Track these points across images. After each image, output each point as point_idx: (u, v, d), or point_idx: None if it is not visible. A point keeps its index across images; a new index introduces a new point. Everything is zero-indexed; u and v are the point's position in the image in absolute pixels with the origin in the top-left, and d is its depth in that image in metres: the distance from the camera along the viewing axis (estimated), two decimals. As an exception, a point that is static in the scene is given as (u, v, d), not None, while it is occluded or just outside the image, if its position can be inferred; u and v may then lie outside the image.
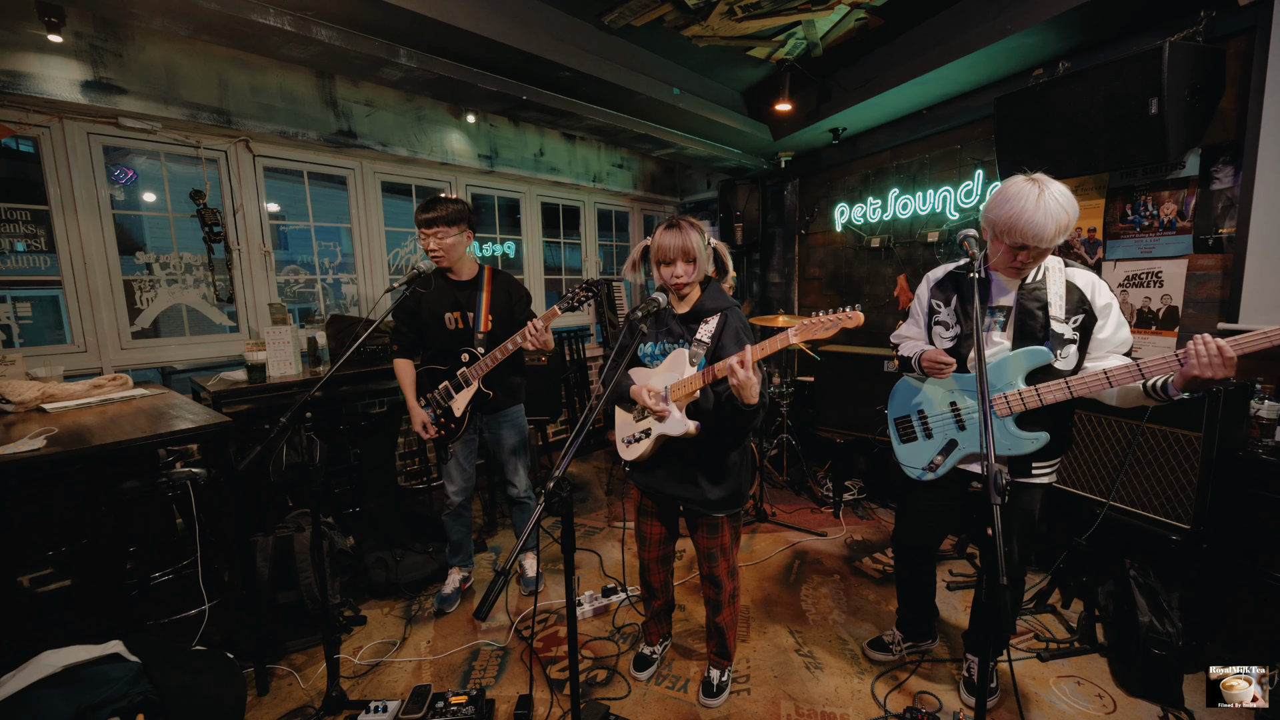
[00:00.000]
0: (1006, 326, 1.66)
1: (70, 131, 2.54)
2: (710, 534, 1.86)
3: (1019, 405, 1.58)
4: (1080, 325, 1.59)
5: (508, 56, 2.79)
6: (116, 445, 1.67)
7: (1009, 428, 1.60)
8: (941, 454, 1.76)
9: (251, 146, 3.02)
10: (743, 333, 1.68)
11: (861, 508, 3.55)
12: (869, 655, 2.18)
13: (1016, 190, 1.50)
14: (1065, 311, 1.59)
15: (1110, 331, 1.58)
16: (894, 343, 2.04)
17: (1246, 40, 2.24)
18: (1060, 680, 2.04)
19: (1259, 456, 1.98)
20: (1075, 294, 1.60)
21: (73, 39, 2.38)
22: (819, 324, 1.41)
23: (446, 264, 2.27)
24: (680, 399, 1.64)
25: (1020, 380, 1.59)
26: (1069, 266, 1.64)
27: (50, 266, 2.59)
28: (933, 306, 1.85)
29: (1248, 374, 2.25)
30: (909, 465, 1.87)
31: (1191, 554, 2.03)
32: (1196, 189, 2.44)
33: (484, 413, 2.41)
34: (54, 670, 1.41)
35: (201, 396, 2.65)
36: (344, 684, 2.00)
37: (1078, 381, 1.51)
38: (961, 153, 3.48)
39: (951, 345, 1.77)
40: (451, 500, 2.50)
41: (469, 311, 2.32)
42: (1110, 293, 1.60)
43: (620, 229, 5.40)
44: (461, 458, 2.45)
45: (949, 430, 1.76)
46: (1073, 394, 1.52)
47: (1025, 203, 1.47)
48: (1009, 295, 1.66)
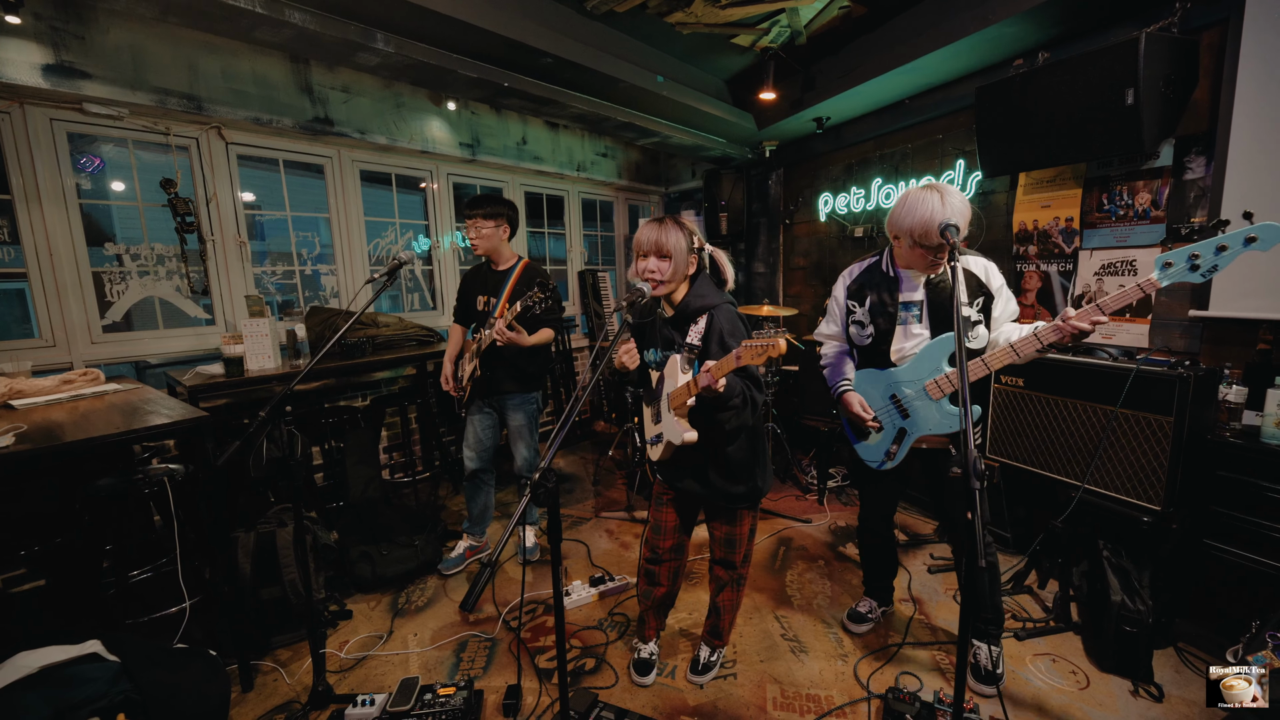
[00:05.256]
0: (923, 318, 1.83)
1: (32, 117, 2.44)
2: (729, 523, 1.87)
3: (949, 386, 1.75)
4: (982, 307, 1.80)
5: (488, 42, 2.74)
6: (89, 442, 1.63)
7: (945, 407, 1.78)
8: (895, 443, 1.90)
9: (224, 134, 2.94)
10: (726, 334, 1.62)
11: (845, 494, 3.61)
12: (849, 628, 2.27)
13: (920, 198, 1.66)
14: (968, 296, 1.77)
15: (1003, 307, 1.81)
16: (816, 341, 2.20)
17: (1220, 31, 2.27)
18: (1036, 658, 2.10)
19: (1227, 440, 2.04)
20: (973, 280, 1.79)
21: (32, 20, 2.28)
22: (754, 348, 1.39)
23: (482, 252, 2.60)
24: (678, 407, 1.61)
25: (945, 364, 1.77)
26: (963, 255, 1.79)
27: (14, 258, 2.50)
28: (849, 307, 1.98)
29: (1217, 359, 2.32)
30: (869, 459, 2.00)
31: (1162, 534, 2.10)
32: (1170, 179, 2.48)
33: (491, 393, 2.64)
34: (30, 671, 1.38)
35: (177, 391, 2.59)
36: (330, 678, 1.99)
37: (991, 358, 1.71)
38: (943, 142, 3.51)
39: (869, 342, 1.92)
40: (467, 466, 2.73)
41: (493, 296, 2.59)
42: (999, 272, 1.82)
43: (605, 219, 5.36)
44: (478, 427, 2.69)
45: (896, 420, 1.90)
46: (989, 369, 1.72)
47: (933, 206, 1.63)
48: (918, 290, 1.83)
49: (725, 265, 1.77)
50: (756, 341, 1.33)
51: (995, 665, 1.95)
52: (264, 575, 2.20)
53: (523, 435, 2.70)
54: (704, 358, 1.62)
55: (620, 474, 4.01)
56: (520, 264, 2.62)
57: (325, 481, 3.34)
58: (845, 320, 2.01)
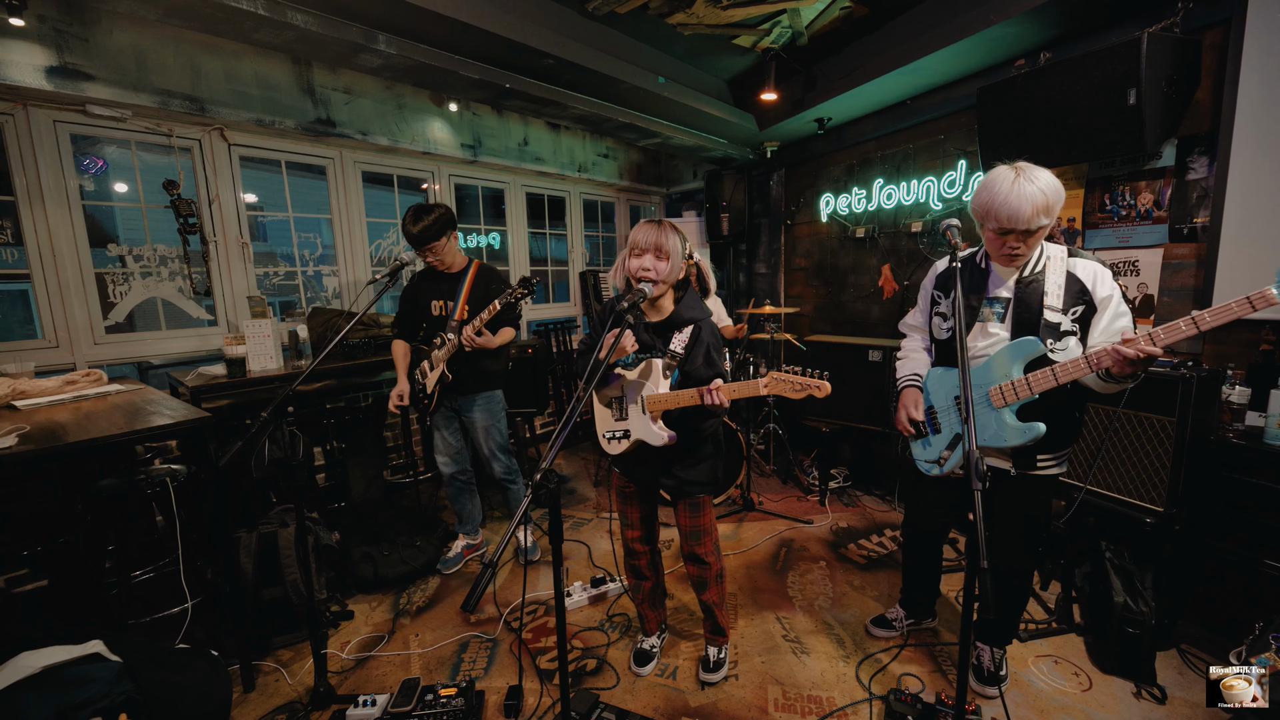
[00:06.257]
0: (1005, 318, 1.65)
1: (36, 119, 2.45)
2: (692, 513, 1.90)
3: (1012, 396, 1.57)
4: (1079, 317, 1.58)
5: (490, 43, 2.74)
6: (92, 443, 1.63)
7: (1005, 418, 1.59)
8: (949, 448, 1.76)
9: (226, 135, 2.95)
10: (713, 349, 1.70)
11: (847, 495, 3.60)
12: (871, 632, 2.25)
13: (995, 176, 1.53)
14: (1064, 302, 1.58)
15: (1106, 323, 1.55)
16: (901, 331, 2.09)
17: (1222, 31, 2.27)
18: (1039, 660, 2.09)
19: (1230, 440, 2.03)
20: (1075, 285, 1.58)
21: (35, 22, 2.28)
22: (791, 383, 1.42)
23: (443, 267, 2.55)
24: (657, 410, 1.67)
25: (1018, 371, 1.58)
26: (1073, 256, 1.62)
27: (18, 259, 2.51)
28: (934, 297, 1.87)
29: (1220, 360, 2.31)
30: (919, 459, 1.88)
31: (1165, 535, 2.09)
32: (1172, 179, 2.48)
33: (455, 394, 2.60)
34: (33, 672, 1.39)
35: (180, 392, 2.60)
36: (332, 679, 2.00)
37: (1060, 369, 1.50)
38: (945, 143, 3.51)
39: (948, 336, 1.79)
40: (443, 472, 2.73)
41: (449, 300, 2.54)
42: (1112, 283, 1.57)
43: (606, 220, 5.37)
44: (445, 432, 2.69)
45: (954, 424, 1.76)
46: (1058, 381, 1.51)
47: (1001, 186, 1.49)
48: (1007, 286, 1.66)
49: (709, 275, 1.86)
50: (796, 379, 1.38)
51: (998, 667, 1.94)
52: (266, 576, 2.20)
53: (492, 435, 2.66)
54: (685, 367, 1.68)
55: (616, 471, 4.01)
56: (473, 266, 2.58)
57: (327, 482, 3.34)
58: (930, 310, 1.87)
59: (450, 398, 2.61)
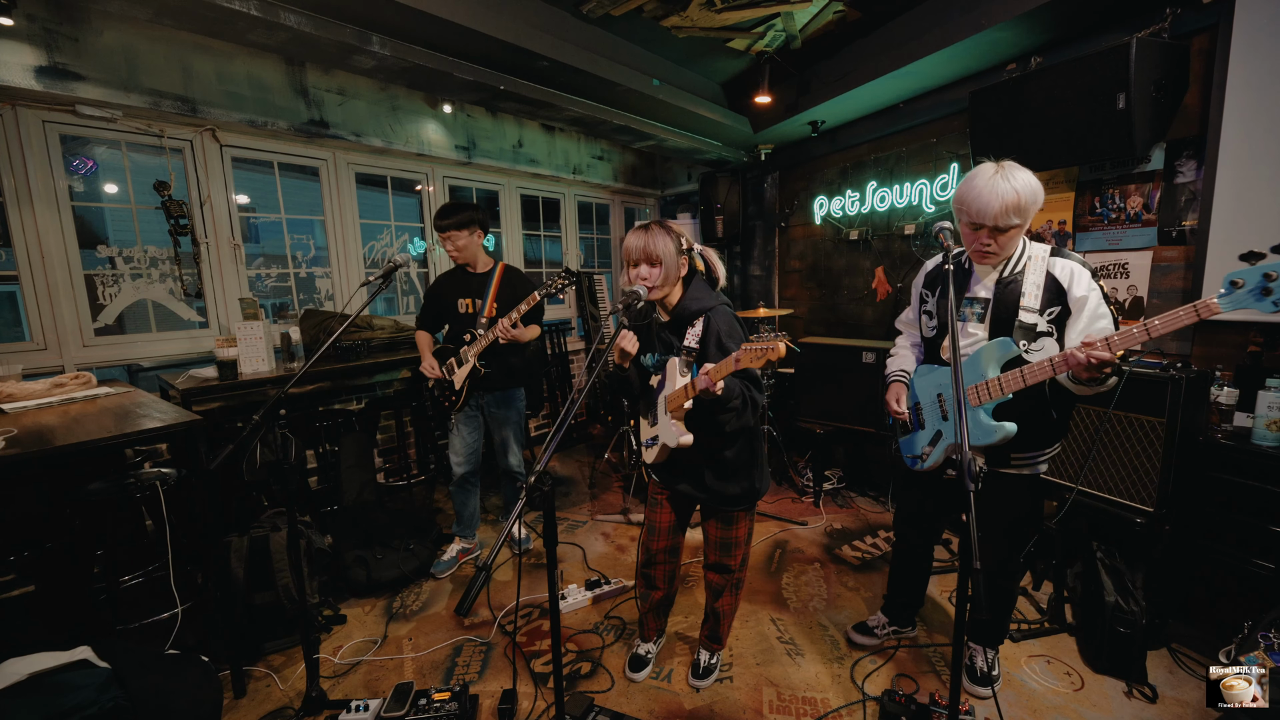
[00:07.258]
0: (984, 318, 1.66)
1: (24, 119, 2.42)
2: (724, 526, 1.86)
3: (986, 396, 1.58)
4: (1055, 318, 1.57)
5: (484, 45, 2.74)
6: (80, 446, 1.61)
7: (980, 418, 1.59)
8: (930, 444, 1.78)
9: (218, 136, 2.93)
10: (724, 336, 1.62)
11: (841, 497, 3.61)
12: (851, 639, 2.22)
13: (977, 170, 1.57)
14: (1041, 303, 1.57)
15: (1085, 324, 1.52)
16: (896, 329, 2.10)
17: (1210, 37, 2.30)
18: (1031, 660, 2.10)
19: (1218, 441, 2.06)
20: (1053, 284, 1.57)
21: (25, 22, 2.26)
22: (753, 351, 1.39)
23: (463, 261, 2.64)
24: (675, 410, 1.61)
25: (994, 371, 1.59)
26: (1055, 256, 1.61)
27: (6, 261, 2.48)
28: (923, 296, 1.88)
29: (1209, 362, 2.33)
30: (906, 452, 1.91)
31: (1155, 535, 2.11)
32: (1161, 183, 2.51)
33: (482, 390, 2.68)
34: (19, 679, 1.37)
35: (170, 395, 2.58)
36: (324, 684, 1.98)
37: (1029, 370, 1.50)
38: (937, 146, 3.53)
39: (933, 335, 1.81)
40: (455, 471, 2.77)
41: (478, 299, 2.64)
42: (1091, 284, 1.54)
43: (601, 221, 5.37)
44: (465, 431, 2.73)
45: (936, 421, 1.78)
46: (1026, 382, 1.51)
47: (978, 180, 1.52)
48: (986, 286, 1.67)
49: (716, 264, 1.78)
50: (756, 345, 1.34)
51: (991, 667, 1.95)
52: (257, 580, 2.18)
53: (514, 431, 2.79)
54: (702, 360, 1.62)
55: (616, 477, 4.01)
56: (499, 267, 2.69)
57: (319, 485, 3.32)
58: (919, 308, 1.90)
59: (477, 394, 2.69)
